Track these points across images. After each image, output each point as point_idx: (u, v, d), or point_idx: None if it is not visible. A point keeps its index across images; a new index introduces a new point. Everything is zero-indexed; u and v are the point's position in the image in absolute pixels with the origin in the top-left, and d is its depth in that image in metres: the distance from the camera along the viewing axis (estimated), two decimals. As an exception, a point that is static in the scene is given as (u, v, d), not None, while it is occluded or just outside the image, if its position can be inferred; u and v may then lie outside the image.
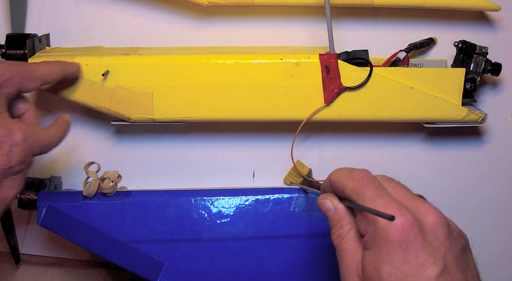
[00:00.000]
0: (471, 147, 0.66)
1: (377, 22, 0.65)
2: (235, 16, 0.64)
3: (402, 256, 0.36)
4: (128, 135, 0.65)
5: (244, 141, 0.65)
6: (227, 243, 0.56)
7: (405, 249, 0.36)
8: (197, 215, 0.56)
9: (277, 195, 0.57)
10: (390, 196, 0.39)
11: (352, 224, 0.40)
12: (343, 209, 0.42)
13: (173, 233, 0.56)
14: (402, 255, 0.36)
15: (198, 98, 0.58)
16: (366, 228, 0.38)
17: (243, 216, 0.57)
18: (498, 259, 0.67)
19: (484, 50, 0.60)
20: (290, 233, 0.56)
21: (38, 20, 0.64)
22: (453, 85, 0.58)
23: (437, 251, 0.37)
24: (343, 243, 0.40)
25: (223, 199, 0.57)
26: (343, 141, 0.65)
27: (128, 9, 0.64)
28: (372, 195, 0.39)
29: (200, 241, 0.56)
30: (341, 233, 0.41)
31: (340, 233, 0.41)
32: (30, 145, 0.46)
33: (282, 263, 0.56)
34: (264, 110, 0.59)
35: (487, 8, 0.61)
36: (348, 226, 0.41)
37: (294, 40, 0.65)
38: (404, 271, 0.36)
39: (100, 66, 0.57)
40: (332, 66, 0.57)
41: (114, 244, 0.56)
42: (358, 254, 0.39)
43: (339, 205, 0.42)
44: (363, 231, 0.39)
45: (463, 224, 0.66)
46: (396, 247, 0.36)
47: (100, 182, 0.56)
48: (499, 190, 0.66)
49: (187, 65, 0.58)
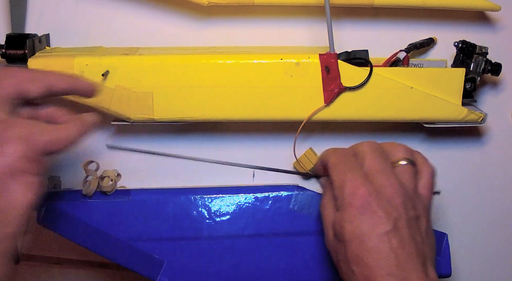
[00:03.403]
0: (471, 147, 0.66)
1: (377, 22, 0.65)
2: (235, 16, 0.64)
3: (360, 217, 0.45)
4: (128, 135, 0.65)
5: (244, 141, 0.65)
6: (227, 241, 0.56)
7: (363, 212, 0.45)
8: (196, 213, 0.57)
9: (276, 192, 0.57)
10: (359, 170, 0.47)
11: (331, 193, 0.48)
12: (324, 183, 0.51)
13: (173, 231, 0.56)
14: (360, 216, 0.45)
15: (198, 98, 0.58)
16: (337, 194, 0.47)
17: (243, 213, 0.57)
18: (498, 259, 0.67)
19: (484, 50, 0.60)
20: (290, 231, 0.56)
21: (38, 20, 0.64)
22: (453, 85, 0.59)
23: (389, 215, 0.44)
24: (323, 210, 0.49)
25: (222, 196, 0.57)
26: (343, 141, 0.65)
27: (128, 9, 0.64)
28: (344, 169, 0.47)
29: (200, 239, 0.56)
30: (324, 202, 0.49)
31: (323, 203, 0.49)
32: (34, 140, 0.43)
33: (282, 261, 0.56)
34: (264, 110, 0.59)
35: (487, 8, 0.61)
36: (327, 195, 0.49)
37: (294, 40, 0.65)
38: (361, 229, 0.44)
39: (100, 66, 0.57)
40: (332, 66, 0.57)
41: (113, 242, 0.56)
42: (332, 213, 0.47)
43: (322, 180, 0.52)
44: (336, 196, 0.47)
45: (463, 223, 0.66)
46: (356, 210, 0.45)
47: (100, 180, 0.56)
48: (499, 190, 0.66)
49: (187, 65, 0.58)
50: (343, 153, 0.49)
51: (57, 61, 0.58)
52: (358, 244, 0.44)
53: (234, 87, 0.58)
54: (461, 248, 0.65)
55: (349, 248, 0.45)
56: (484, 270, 0.67)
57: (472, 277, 0.67)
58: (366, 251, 0.44)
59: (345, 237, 0.45)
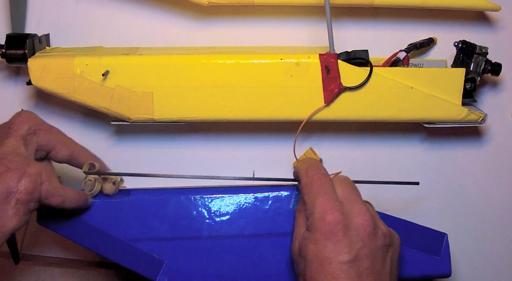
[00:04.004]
0: (471, 147, 0.66)
1: (377, 22, 0.65)
2: (235, 16, 0.64)
3: (325, 242, 0.46)
4: (128, 135, 0.65)
5: (244, 141, 0.65)
6: (227, 240, 0.56)
7: (328, 238, 0.46)
8: (196, 213, 0.57)
9: (276, 192, 0.57)
10: (331, 195, 0.48)
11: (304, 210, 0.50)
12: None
13: (173, 231, 0.56)
14: (325, 242, 0.46)
15: (198, 98, 0.58)
16: (308, 216, 0.48)
17: (243, 213, 0.57)
18: (498, 259, 0.67)
19: (484, 50, 0.60)
20: (290, 230, 0.56)
21: (38, 20, 0.64)
22: (453, 85, 0.58)
23: (354, 244, 0.46)
24: (299, 217, 0.51)
25: (222, 196, 0.57)
26: (343, 141, 0.65)
27: (128, 9, 0.64)
28: (316, 192, 0.49)
29: (200, 239, 0.56)
30: (299, 209, 0.51)
31: (299, 208, 0.51)
32: (42, 183, 0.49)
33: (282, 260, 0.56)
34: (264, 110, 0.59)
35: (487, 8, 0.61)
36: (302, 206, 0.50)
37: (294, 40, 0.65)
38: (324, 253, 0.46)
39: (100, 66, 0.57)
40: (332, 66, 0.57)
41: (113, 242, 0.56)
42: (303, 229, 0.49)
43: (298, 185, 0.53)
44: (307, 217, 0.49)
45: (462, 223, 0.66)
46: (322, 235, 0.46)
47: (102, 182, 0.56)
48: (499, 190, 0.66)
49: (187, 65, 0.58)
50: (316, 173, 0.50)
51: (57, 61, 0.58)
52: (317, 266, 0.46)
53: (234, 87, 0.58)
54: (461, 248, 0.65)
55: (308, 267, 0.46)
56: (484, 270, 0.67)
57: (472, 277, 0.67)
58: (323, 275, 0.45)
59: (307, 256, 0.47)
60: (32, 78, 0.58)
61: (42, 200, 0.50)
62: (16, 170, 0.48)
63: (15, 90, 0.65)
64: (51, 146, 0.54)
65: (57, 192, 0.51)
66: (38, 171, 0.49)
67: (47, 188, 0.49)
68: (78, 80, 0.58)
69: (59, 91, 0.58)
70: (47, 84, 0.58)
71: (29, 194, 0.48)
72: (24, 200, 0.48)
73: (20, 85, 0.65)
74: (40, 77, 0.58)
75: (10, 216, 0.47)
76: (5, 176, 0.47)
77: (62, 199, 0.51)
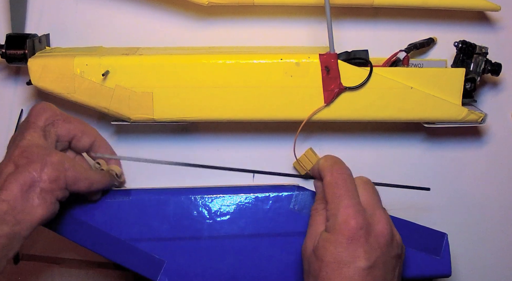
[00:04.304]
0: (471, 147, 0.66)
1: (377, 22, 0.65)
2: (235, 16, 0.64)
3: (345, 246, 0.46)
4: (128, 135, 0.65)
5: (244, 141, 0.65)
6: (227, 240, 0.56)
7: (350, 242, 0.46)
8: (197, 213, 0.57)
9: (276, 192, 0.57)
10: (355, 198, 0.48)
11: (324, 209, 0.50)
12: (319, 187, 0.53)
13: (173, 231, 0.56)
14: (346, 245, 0.46)
15: (198, 98, 0.58)
16: (330, 217, 0.48)
17: (243, 213, 0.57)
18: (498, 259, 0.67)
19: (484, 50, 0.60)
20: (290, 230, 0.56)
21: (38, 20, 0.64)
22: (453, 85, 0.59)
23: (373, 251, 0.46)
24: (316, 215, 0.50)
25: (222, 196, 0.57)
26: (343, 140, 0.65)
27: (128, 9, 0.64)
28: (341, 194, 0.48)
29: (200, 239, 0.56)
30: (317, 208, 0.51)
31: (316, 207, 0.51)
32: (66, 171, 0.50)
33: (282, 261, 0.56)
34: (264, 110, 0.59)
35: (487, 8, 0.61)
36: (323, 205, 0.50)
37: (294, 40, 0.65)
38: (343, 257, 0.46)
39: (100, 66, 0.57)
40: (332, 66, 0.57)
41: (114, 242, 0.56)
42: (321, 229, 0.49)
43: (317, 183, 0.53)
44: (328, 218, 0.49)
45: (462, 223, 0.66)
46: (344, 238, 0.46)
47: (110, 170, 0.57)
48: (499, 190, 0.66)
49: (187, 65, 0.58)
50: (342, 173, 0.50)
51: (57, 61, 0.58)
52: (334, 269, 0.46)
53: (234, 87, 0.58)
54: (461, 248, 0.65)
55: (324, 268, 0.46)
56: (484, 270, 0.67)
57: (472, 277, 0.67)
58: (340, 278, 0.46)
59: (325, 257, 0.47)
60: (32, 78, 0.58)
61: (69, 186, 0.50)
62: (38, 160, 0.49)
63: (15, 90, 0.65)
64: (71, 135, 0.54)
65: (83, 176, 0.51)
66: (60, 159, 0.50)
67: (72, 174, 0.50)
68: (78, 80, 0.58)
69: (59, 91, 0.58)
70: (47, 84, 0.58)
71: (53, 182, 0.49)
72: (48, 188, 0.48)
73: (20, 85, 0.65)
74: (40, 77, 0.58)
75: (36, 205, 0.48)
76: (28, 167, 0.48)
77: (90, 182, 0.52)
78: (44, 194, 0.48)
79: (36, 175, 0.48)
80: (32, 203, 0.48)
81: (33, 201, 0.48)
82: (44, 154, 0.50)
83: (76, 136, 0.55)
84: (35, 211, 0.48)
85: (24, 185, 0.47)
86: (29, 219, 0.47)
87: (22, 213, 0.47)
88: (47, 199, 0.48)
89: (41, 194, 0.48)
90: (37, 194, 0.48)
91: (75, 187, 0.51)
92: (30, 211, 0.47)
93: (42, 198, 0.48)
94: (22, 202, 0.47)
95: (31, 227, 0.48)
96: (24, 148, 0.50)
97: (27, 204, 0.47)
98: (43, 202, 0.48)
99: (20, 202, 0.47)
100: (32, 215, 0.48)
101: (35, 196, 0.48)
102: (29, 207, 0.47)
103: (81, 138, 0.55)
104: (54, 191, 0.49)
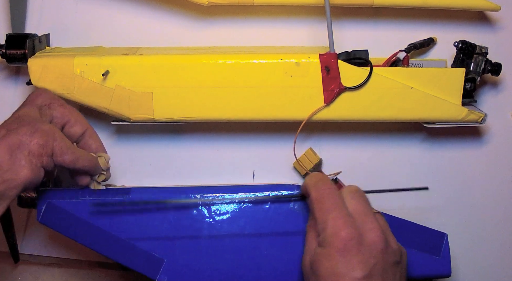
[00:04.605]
0: (471, 147, 0.66)
1: (377, 22, 0.65)
2: (235, 16, 0.64)
3: (338, 258, 0.46)
4: (128, 135, 0.65)
5: (244, 141, 0.65)
6: (227, 240, 0.56)
7: (342, 254, 0.46)
8: (196, 212, 0.57)
9: (276, 192, 0.57)
10: (343, 210, 0.48)
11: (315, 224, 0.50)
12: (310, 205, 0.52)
13: (173, 230, 0.56)
14: (339, 258, 0.46)
15: (198, 98, 0.58)
16: (320, 232, 0.48)
17: (243, 212, 0.57)
18: (498, 259, 0.67)
19: (484, 50, 0.60)
20: (290, 230, 0.56)
21: (38, 20, 0.64)
22: (453, 85, 0.58)
23: (367, 260, 0.46)
24: (310, 232, 0.51)
25: (222, 196, 0.57)
26: (343, 141, 0.65)
27: (128, 9, 0.64)
28: (327, 208, 0.49)
29: (200, 238, 0.56)
30: (310, 224, 0.51)
31: (309, 224, 0.51)
32: (54, 140, 0.50)
33: (282, 260, 0.56)
34: (264, 110, 0.59)
35: (487, 8, 0.61)
36: (312, 222, 0.50)
37: (294, 40, 0.65)
38: (337, 269, 0.46)
39: (100, 66, 0.57)
40: (332, 66, 0.57)
41: (113, 241, 0.56)
42: (315, 244, 0.49)
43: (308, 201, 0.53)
44: (319, 233, 0.48)
45: (462, 223, 0.66)
46: (336, 251, 0.46)
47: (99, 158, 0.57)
48: (499, 190, 0.66)
49: (187, 65, 0.58)
50: (326, 187, 0.50)
51: (57, 61, 0.58)
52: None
53: (234, 87, 0.58)
54: (461, 248, 0.65)
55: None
56: (484, 270, 0.67)
57: (472, 277, 0.67)
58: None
59: (320, 272, 0.47)
60: (32, 78, 0.58)
61: (56, 156, 0.51)
62: (29, 126, 0.50)
63: (15, 90, 0.65)
64: (65, 120, 0.55)
65: (70, 150, 0.52)
66: (50, 128, 0.51)
67: (60, 145, 0.51)
68: (78, 80, 0.58)
69: (59, 91, 0.58)
70: (47, 84, 0.58)
71: (41, 147, 0.49)
72: (36, 152, 0.49)
73: (20, 85, 0.65)
74: (40, 77, 0.58)
75: (22, 165, 0.48)
76: (18, 130, 0.49)
77: (75, 157, 0.52)
78: (31, 157, 0.49)
79: (25, 138, 0.49)
80: (19, 163, 0.48)
81: (20, 162, 0.48)
82: (36, 121, 0.51)
83: (70, 122, 0.55)
84: (21, 171, 0.48)
85: (12, 145, 0.48)
86: (15, 179, 0.48)
87: (8, 172, 0.48)
88: (33, 162, 0.49)
89: (28, 156, 0.49)
90: (25, 156, 0.49)
91: (60, 158, 0.51)
92: (16, 171, 0.48)
93: (29, 160, 0.49)
94: (9, 161, 0.48)
95: (16, 188, 0.48)
96: (18, 116, 0.51)
97: (14, 164, 0.48)
98: (30, 164, 0.49)
99: (7, 161, 0.48)
100: (18, 175, 0.48)
101: (23, 158, 0.48)
102: (16, 167, 0.48)
103: (74, 125, 0.55)
104: (41, 156, 0.50)
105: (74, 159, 0.52)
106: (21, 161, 0.48)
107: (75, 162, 0.52)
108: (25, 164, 0.49)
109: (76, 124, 0.55)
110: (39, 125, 0.50)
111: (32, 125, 0.50)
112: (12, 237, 0.62)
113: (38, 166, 0.50)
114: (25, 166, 0.49)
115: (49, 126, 0.51)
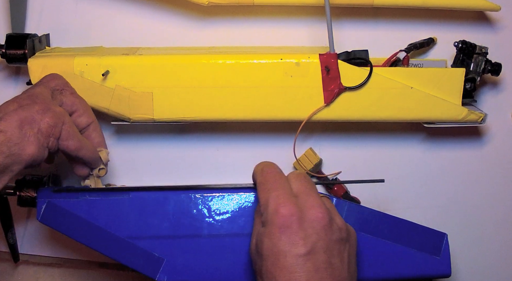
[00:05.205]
0: (471, 147, 0.66)
1: (377, 22, 0.65)
2: (235, 16, 0.64)
3: (279, 236, 0.45)
4: (128, 135, 0.65)
5: (244, 141, 0.65)
6: (227, 239, 0.56)
7: (283, 231, 0.45)
8: (196, 211, 0.56)
9: None
10: (285, 189, 0.48)
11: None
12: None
13: (173, 229, 0.56)
14: (280, 235, 0.45)
15: (198, 98, 0.58)
16: (262, 210, 0.48)
17: (243, 212, 0.57)
18: (498, 259, 0.67)
19: (484, 50, 0.60)
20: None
21: (38, 20, 0.64)
22: (453, 85, 0.59)
23: (309, 237, 0.45)
24: (256, 217, 0.50)
25: (222, 195, 0.57)
26: (343, 140, 0.65)
27: (128, 9, 0.64)
28: (270, 188, 0.48)
29: (200, 237, 0.56)
30: (257, 210, 0.51)
31: (256, 210, 0.51)
32: (63, 124, 0.51)
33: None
34: (264, 110, 0.59)
35: (487, 8, 0.61)
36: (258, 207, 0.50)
37: (294, 40, 0.65)
38: (279, 247, 0.45)
39: (100, 66, 0.57)
40: (332, 66, 0.57)
41: (113, 240, 0.56)
42: (259, 226, 0.49)
43: None
44: (261, 213, 0.48)
45: (463, 223, 0.66)
46: (276, 228, 0.46)
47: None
48: (499, 190, 0.66)
49: (187, 65, 0.58)
50: (270, 171, 0.50)
51: (57, 61, 0.58)
52: (273, 261, 0.45)
53: (234, 87, 0.58)
54: (461, 248, 0.65)
55: (264, 263, 0.45)
56: (484, 270, 0.67)
57: (472, 277, 0.67)
58: (279, 269, 0.44)
59: (263, 251, 0.46)
60: (32, 78, 0.58)
61: (62, 140, 0.51)
62: (42, 104, 0.50)
63: (15, 90, 0.65)
64: (74, 107, 0.55)
65: (76, 137, 0.52)
66: (62, 112, 0.52)
67: (68, 129, 0.51)
68: (78, 80, 0.58)
69: (59, 91, 0.58)
70: (47, 84, 0.58)
71: (51, 127, 0.50)
72: (45, 131, 0.50)
73: (20, 85, 0.65)
74: (40, 77, 0.58)
75: (31, 141, 0.49)
76: (31, 107, 0.50)
77: (80, 145, 0.53)
78: (40, 135, 0.49)
79: (37, 116, 0.49)
80: (27, 139, 0.49)
81: (28, 138, 0.49)
82: (49, 102, 0.52)
83: (78, 111, 0.55)
84: (28, 147, 0.49)
85: (24, 120, 0.49)
86: (21, 154, 0.48)
87: (16, 146, 0.48)
88: (40, 140, 0.49)
89: (37, 134, 0.49)
90: (34, 133, 0.49)
91: (66, 142, 0.51)
92: (24, 146, 0.48)
93: (37, 138, 0.49)
94: (18, 135, 0.48)
95: (20, 164, 0.49)
96: (31, 94, 0.52)
97: (23, 139, 0.48)
98: (37, 142, 0.49)
99: (17, 135, 0.48)
100: (25, 150, 0.48)
101: (32, 134, 0.49)
102: (24, 142, 0.48)
103: (82, 115, 0.56)
104: (49, 136, 0.50)
105: (79, 146, 0.52)
106: (30, 137, 0.49)
107: (78, 149, 0.53)
108: (33, 140, 0.49)
109: (83, 115, 0.56)
110: (52, 106, 0.51)
111: (45, 104, 0.50)
112: (12, 236, 0.62)
113: (44, 146, 0.50)
114: (33, 142, 0.49)
115: (60, 109, 0.52)
